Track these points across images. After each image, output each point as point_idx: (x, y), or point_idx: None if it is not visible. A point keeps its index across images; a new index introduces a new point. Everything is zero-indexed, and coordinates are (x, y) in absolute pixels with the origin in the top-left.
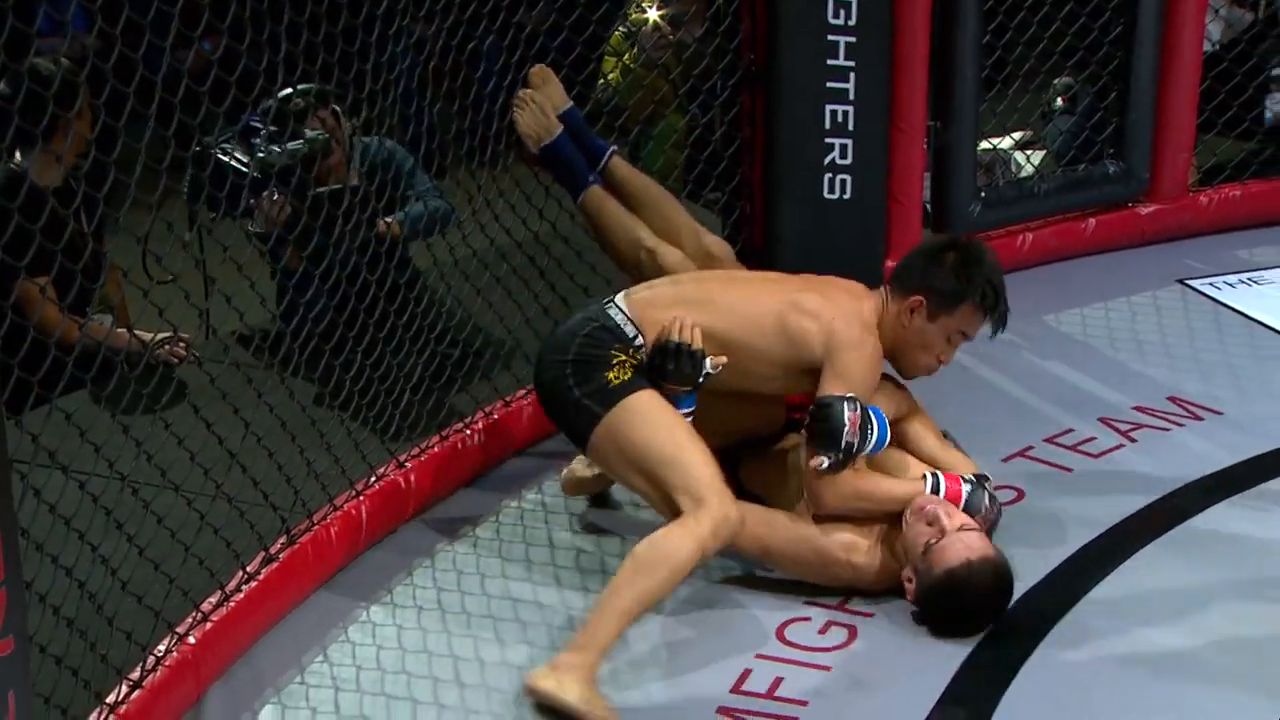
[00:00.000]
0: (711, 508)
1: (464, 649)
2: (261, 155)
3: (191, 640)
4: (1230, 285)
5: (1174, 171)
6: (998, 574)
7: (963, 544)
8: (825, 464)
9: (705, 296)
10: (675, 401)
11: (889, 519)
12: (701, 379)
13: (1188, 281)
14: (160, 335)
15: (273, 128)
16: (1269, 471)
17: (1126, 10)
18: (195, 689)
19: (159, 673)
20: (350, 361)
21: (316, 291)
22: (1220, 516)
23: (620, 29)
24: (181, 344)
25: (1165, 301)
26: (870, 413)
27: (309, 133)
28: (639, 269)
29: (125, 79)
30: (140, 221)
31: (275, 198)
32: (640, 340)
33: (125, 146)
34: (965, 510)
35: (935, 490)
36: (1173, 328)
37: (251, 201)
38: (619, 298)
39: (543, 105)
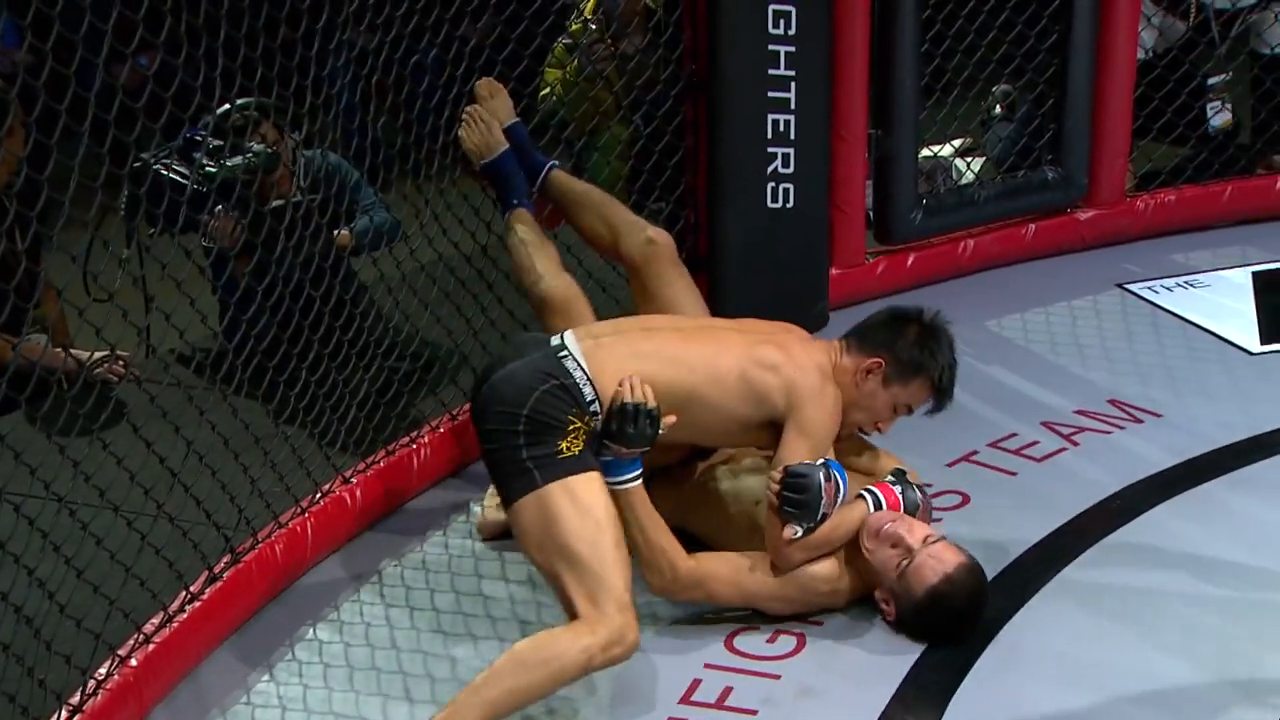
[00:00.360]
0: (612, 622)
1: (413, 666)
2: (211, 170)
3: (133, 663)
4: (1167, 289)
5: (1111, 177)
6: (975, 576)
7: (934, 558)
8: (799, 534)
9: (664, 351)
10: (621, 467)
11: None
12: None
13: (1126, 286)
14: (97, 354)
15: (217, 142)
16: (1207, 472)
17: (1062, 18)
18: (138, 712)
19: (99, 697)
20: (298, 378)
21: (265, 307)
22: (1162, 517)
23: (563, 41)
24: (120, 363)
25: (1104, 305)
26: (835, 471)
27: (255, 147)
28: (528, 293)
29: (58, 96)
30: (79, 240)
31: (229, 214)
32: (596, 406)
33: (60, 164)
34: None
35: (877, 506)
36: (1112, 331)
37: (203, 217)
38: (572, 344)
39: (489, 122)
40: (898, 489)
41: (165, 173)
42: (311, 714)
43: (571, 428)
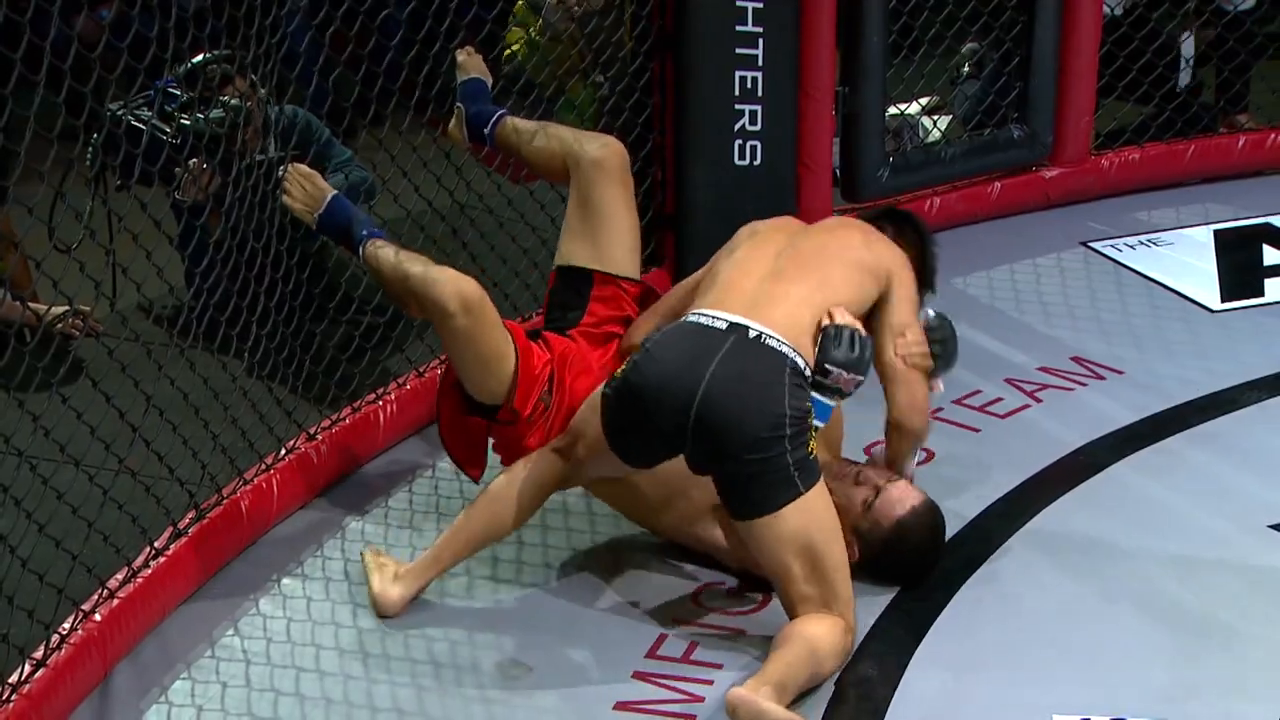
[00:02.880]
0: (853, 630)
1: (367, 620)
2: (186, 122)
3: (98, 617)
4: (1131, 247)
5: (1077, 135)
6: (936, 514)
7: (899, 494)
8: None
9: (805, 287)
10: (825, 410)
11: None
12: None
13: (1090, 244)
14: (55, 309)
15: (190, 94)
16: (1168, 428)
17: None
18: (103, 666)
19: (64, 651)
20: (267, 334)
21: (229, 263)
22: (1123, 472)
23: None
24: (80, 318)
25: (1068, 263)
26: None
27: (228, 101)
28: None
29: (17, 47)
30: (43, 193)
31: (204, 166)
32: (808, 371)
33: (18, 115)
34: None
35: None
36: (1076, 289)
37: (176, 170)
38: (751, 323)
39: (311, 178)
40: None
41: (135, 124)
42: (274, 667)
43: (810, 417)
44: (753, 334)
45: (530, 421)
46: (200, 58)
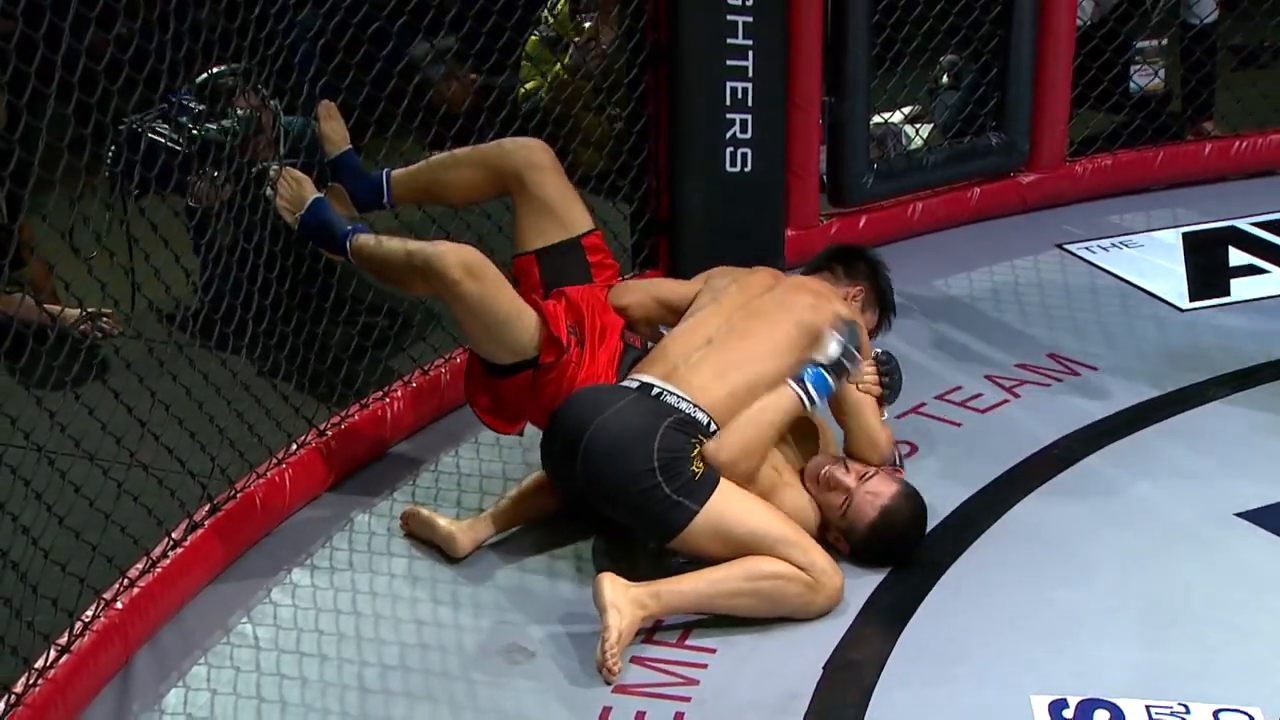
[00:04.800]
0: (833, 585)
1: (370, 608)
2: (198, 133)
3: (119, 606)
4: (1104, 249)
5: (1052, 143)
6: (910, 501)
7: (871, 494)
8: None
9: (735, 359)
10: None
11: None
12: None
13: (1065, 246)
14: (69, 311)
15: (202, 106)
16: (1139, 422)
17: None
18: (123, 652)
19: (86, 638)
20: (276, 334)
21: (247, 265)
22: (1097, 464)
23: (542, 34)
24: (105, 320)
25: (1045, 265)
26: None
27: (238, 112)
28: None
29: (33, 62)
30: (58, 200)
31: (216, 175)
32: (714, 425)
33: (38, 127)
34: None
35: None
36: (1052, 290)
37: (188, 179)
38: (663, 383)
39: (300, 181)
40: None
41: (151, 135)
42: (283, 653)
43: (694, 452)
44: (654, 391)
45: (574, 353)
46: (209, 72)
